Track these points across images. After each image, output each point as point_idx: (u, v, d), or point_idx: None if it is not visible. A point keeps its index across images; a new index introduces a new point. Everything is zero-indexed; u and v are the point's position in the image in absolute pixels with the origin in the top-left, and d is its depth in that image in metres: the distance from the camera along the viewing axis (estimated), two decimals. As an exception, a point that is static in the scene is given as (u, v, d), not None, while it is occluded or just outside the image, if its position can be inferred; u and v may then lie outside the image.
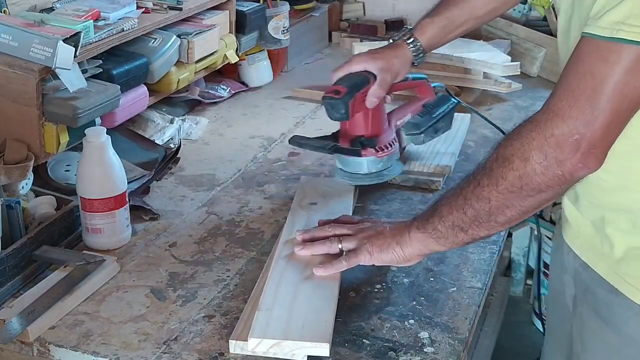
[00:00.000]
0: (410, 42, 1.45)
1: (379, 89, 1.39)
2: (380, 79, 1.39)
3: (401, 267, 1.20)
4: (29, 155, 1.35)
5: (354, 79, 1.39)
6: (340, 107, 1.35)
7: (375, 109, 1.41)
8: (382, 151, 1.42)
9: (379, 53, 1.44)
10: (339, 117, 1.37)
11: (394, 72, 1.43)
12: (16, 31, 1.32)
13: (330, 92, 1.37)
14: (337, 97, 1.35)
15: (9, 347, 1.10)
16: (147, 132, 1.71)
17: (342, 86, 1.37)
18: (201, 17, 1.81)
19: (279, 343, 1.02)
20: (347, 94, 1.35)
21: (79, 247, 1.31)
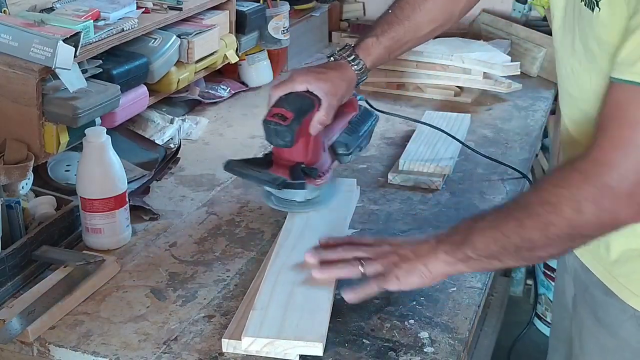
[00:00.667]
0: (355, 62, 1.37)
1: (325, 115, 1.30)
2: (326, 104, 1.29)
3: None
4: (29, 155, 1.35)
5: (299, 102, 1.28)
6: (286, 135, 1.25)
7: (316, 135, 1.31)
8: (320, 179, 1.33)
9: (323, 73, 1.33)
10: (282, 144, 1.27)
11: (340, 96, 1.33)
12: (16, 31, 1.32)
13: (273, 115, 1.26)
14: (283, 124, 1.24)
15: (9, 347, 1.10)
16: (147, 132, 1.71)
17: (287, 110, 1.26)
18: (201, 17, 1.81)
19: (272, 342, 1.02)
20: (295, 121, 1.25)
21: (79, 247, 1.31)
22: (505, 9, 2.34)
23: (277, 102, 1.28)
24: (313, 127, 1.29)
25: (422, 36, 1.44)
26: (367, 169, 1.60)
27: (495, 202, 1.47)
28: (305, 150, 1.31)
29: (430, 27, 1.42)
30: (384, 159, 1.64)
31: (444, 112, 1.82)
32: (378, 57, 1.40)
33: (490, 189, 1.51)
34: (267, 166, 1.31)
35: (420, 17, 1.40)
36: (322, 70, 1.34)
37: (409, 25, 1.40)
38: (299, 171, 1.30)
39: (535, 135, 1.80)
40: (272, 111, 1.27)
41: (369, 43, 1.39)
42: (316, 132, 1.30)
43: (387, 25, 1.40)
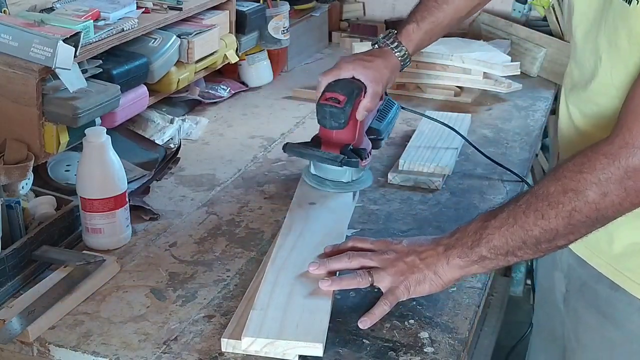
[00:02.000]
0: (397, 49, 1.44)
1: (371, 101, 1.38)
2: (372, 91, 1.37)
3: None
4: (29, 155, 1.35)
5: (349, 87, 1.37)
6: (341, 117, 1.35)
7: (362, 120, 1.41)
8: (366, 160, 1.43)
9: (368, 61, 1.41)
10: (336, 126, 1.36)
11: (385, 83, 1.41)
12: (16, 31, 1.32)
13: (328, 99, 1.35)
14: (338, 106, 1.34)
15: (9, 347, 1.10)
16: (147, 132, 1.71)
17: (340, 94, 1.35)
18: (201, 17, 1.81)
19: (273, 342, 1.02)
20: (348, 103, 1.35)
21: (79, 247, 1.31)
22: (505, 9, 2.34)
23: (327, 87, 1.37)
24: (360, 113, 1.37)
25: (461, 17, 1.50)
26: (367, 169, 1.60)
27: (495, 202, 1.47)
28: (354, 132, 1.39)
29: (469, 7, 1.49)
30: (384, 159, 1.64)
31: (444, 112, 1.82)
32: (420, 42, 1.47)
33: (490, 189, 1.52)
34: (318, 148, 1.40)
35: (458, 1, 1.46)
36: (368, 58, 1.41)
37: (448, 9, 1.46)
38: (350, 152, 1.38)
39: (535, 135, 1.81)
40: (324, 95, 1.36)
41: (410, 29, 1.45)
42: (362, 118, 1.38)
43: (426, 12, 1.46)
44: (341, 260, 1.14)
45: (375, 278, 1.10)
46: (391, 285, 1.09)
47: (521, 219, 1.02)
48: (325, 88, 1.38)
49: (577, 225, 1.00)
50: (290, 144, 1.42)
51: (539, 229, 1.00)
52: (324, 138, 1.40)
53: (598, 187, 0.97)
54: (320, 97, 1.37)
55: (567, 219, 0.99)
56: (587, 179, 0.97)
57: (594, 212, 0.98)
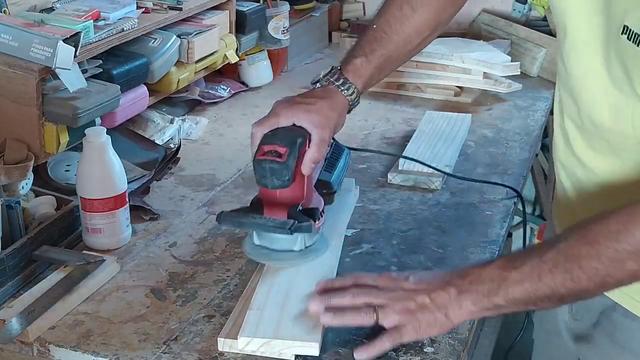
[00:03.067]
0: (345, 87, 1.25)
1: (318, 151, 1.16)
2: (318, 139, 1.16)
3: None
4: (29, 155, 1.35)
5: (290, 136, 1.15)
6: (284, 173, 1.12)
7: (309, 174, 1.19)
8: (319, 221, 1.19)
9: (310, 104, 1.20)
10: (280, 184, 1.13)
11: (332, 127, 1.20)
12: (16, 31, 1.32)
13: (266, 153, 1.12)
14: (279, 161, 1.11)
15: (9, 347, 1.10)
16: (147, 132, 1.71)
17: (280, 146, 1.13)
18: (201, 17, 1.81)
19: (269, 342, 1.02)
20: (290, 156, 1.12)
21: (79, 247, 1.31)
22: (505, 9, 2.34)
23: (264, 139, 1.15)
24: (306, 166, 1.16)
25: (413, 49, 1.35)
26: (367, 169, 1.60)
27: (495, 202, 1.47)
28: (302, 189, 1.17)
29: (420, 39, 1.34)
30: (384, 159, 1.64)
31: (444, 112, 1.82)
32: (370, 78, 1.29)
33: (490, 189, 1.51)
34: (259, 213, 1.16)
35: (408, 31, 1.31)
36: (310, 101, 1.21)
37: (399, 40, 1.31)
38: (299, 212, 1.15)
39: (535, 135, 1.80)
40: (261, 149, 1.13)
41: (358, 64, 1.27)
42: (309, 172, 1.17)
43: (375, 43, 1.29)
44: (344, 297, 1.06)
45: (381, 315, 1.02)
46: (398, 324, 1.02)
47: (547, 277, 0.96)
48: (261, 140, 1.16)
49: (610, 287, 0.98)
50: (226, 213, 1.17)
51: (566, 289, 0.96)
52: (266, 200, 1.16)
53: (638, 257, 0.92)
54: (257, 152, 1.14)
55: (600, 283, 0.95)
56: (625, 249, 0.92)
57: (631, 278, 0.95)
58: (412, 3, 1.31)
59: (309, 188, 1.20)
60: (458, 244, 1.32)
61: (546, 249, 0.98)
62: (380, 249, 1.31)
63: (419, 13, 1.32)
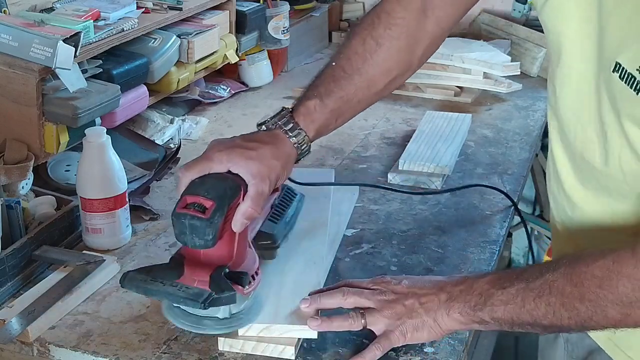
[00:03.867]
0: (293, 133, 1.09)
1: (253, 205, 1.00)
2: (254, 191, 1.00)
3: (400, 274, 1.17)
4: (29, 155, 1.35)
5: (219, 186, 0.98)
6: (208, 232, 0.95)
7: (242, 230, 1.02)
8: (249, 286, 1.01)
9: (251, 149, 1.03)
10: (200, 244, 0.96)
11: (274, 178, 1.04)
12: (16, 31, 1.32)
13: (186, 206, 0.96)
14: (202, 217, 0.94)
15: (9, 347, 1.10)
16: (147, 132, 1.71)
17: (206, 198, 0.96)
18: (201, 17, 1.81)
19: (268, 327, 1.04)
20: (217, 212, 0.95)
21: (79, 247, 1.31)
22: (505, 9, 2.34)
23: (189, 188, 0.99)
24: (237, 222, 0.99)
25: (377, 92, 1.18)
26: (367, 169, 1.60)
27: (495, 202, 1.47)
28: (230, 249, 1.00)
29: (386, 81, 1.17)
30: (384, 159, 1.64)
31: (444, 112, 1.82)
32: (323, 124, 1.13)
33: (490, 188, 1.51)
34: (177, 274, 0.98)
35: (372, 70, 1.15)
36: (251, 145, 1.04)
37: (360, 81, 1.14)
38: (224, 278, 0.97)
39: (535, 135, 1.80)
40: (184, 200, 0.97)
41: (311, 107, 1.11)
42: (240, 229, 1.00)
43: (333, 83, 1.13)
44: (334, 297, 1.03)
45: (369, 320, 1.01)
46: (386, 329, 1.01)
47: (530, 305, 0.93)
48: (186, 189, 0.99)
49: (592, 328, 0.95)
50: (131, 275, 0.99)
51: (548, 322, 0.93)
52: (189, 258, 1.00)
53: (620, 308, 0.89)
54: (178, 202, 0.98)
55: (581, 325, 0.93)
56: (607, 297, 0.88)
57: (613, 325, 0.91)
58: (377, 37, 1.16)
59: (241, 246, 1.03)
60: (458, 244, 1.32)
61: (536, 275, 0.94)
62: (380, 249, 1.31)
63: (385, 49, 1.15)
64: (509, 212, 1.44)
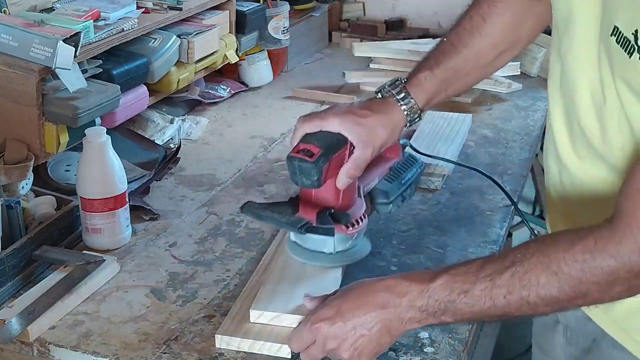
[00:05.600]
0: (404, 101, 1.18)
1: (354, 167, 1.13)
2: (358, 155, 1.13)
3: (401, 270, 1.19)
4: (29, 155, 1.35)
5: (329, 139, 1.12)
6: (313, 173, 1.10)
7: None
8: (353, 227, 1.18)
9: (362, 116, 1.14)
10: (308, 184, 1.11)
11: (378, 145, 1.15)
12: (16, 31, 1.32)
13: (299, 151, 1.11)
14: (309, 160, 1.09)
15: (9, 347, 1.10)
16: (147, 132, 1.71)
17: (315, 146, 1.11)
18: (201, 17, 1.81)
19: (279, 316, 1.06)
20: (322, 157, 1.10)
21: (79, 247, 1.31)
22: (505, 9, 2.34)
23: (304, 137, 1.14)
24: (340, 180, 1.13)
25: (486, 65, 1.25)
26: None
27: (495, 202, 1.47)
28: (336, 192, 1.15)
29: (494, 53, 1.23)
30: (384, 159, 1.64)
31: (444, 112, 1.82)
32: (433, 93, 1.21)
33: (490, 189, 1.51)
34: (292, 211, 1.16)
35: (479, 43, 1.21)
36: (363, 113, 1.15)
37: (468, 54, 1.21)
38: (327, 216, 1.14)
39: (535, 135, 1.80)
40: (297, 147, 1.13)
41: (422, 78, 1.20)
42: (344, 186, 1.14)
43: (442, 56, 1.22)
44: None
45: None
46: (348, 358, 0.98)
47: (501, 302, 0.90)
48: (301, 138, 1.14)
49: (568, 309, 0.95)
50: (250, 204, 1.18)
51: (521, 312, 0.91)
52: (303, 198, 1.17)
53: (602, 288, 0.87)
54: (293, 148, 1.13)
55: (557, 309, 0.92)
56: (589, 280, 0.87)
57: (589, 304, 0.91)
58: (483, 13, 1.22)
59: (347, 194, 1.17)
60: (458, 244, 1.32)
61: (500, 270, 0.91)
62: (380, 249, 1.31)
63: (490, 24, 1.22)
64: (509, 212, 1.44)
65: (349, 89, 2.04)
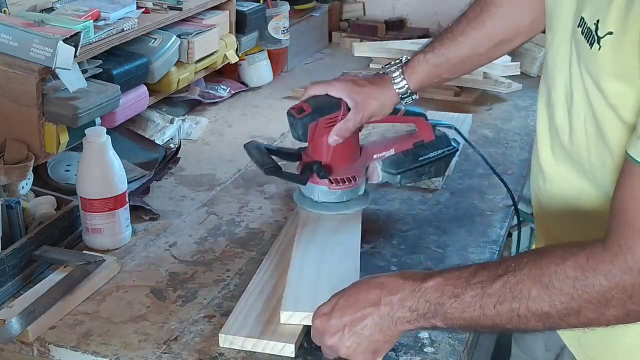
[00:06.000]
0: (396, 81, 1.28)
1: (345, 127, 1.26)
2: (349, 116, 1.25)
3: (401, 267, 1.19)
4: (29, 155, 1.35)
5: (322, 102, 1.27)
6: (298, 128, 1.26)
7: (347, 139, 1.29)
8: (336, 184, 1.30)
9: (361, 85, 1.27)
10: (296, 137, 1.28)
11: (368, 113, 1.27)
12: (16, 31, 1.32)
13: (295, 108, 1.27)
14: (296, 116, 1.25)
15: (9, 347, 1.10)
16: (147, 132, 1.71)
17: (308, 105, 1.26)
18: (201, 17, 1.81)
19: (308, 316, 1.05)
20: (309, 116, 1.25)
21: (79, 247, 1.31)
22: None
23: (307, 99, 1.28)
24: (332, 138, 1.27)
25: (483, 53, 1.28)
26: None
27: (495, 202, 1.47)
28: (325, 149, 1.29)
29: (489, 44, 1.27)
30: (384, 159, 1.64)
31: (444, 112, 1.82)
32: (425, 77, 1.28)
33: (490, 189, 1.51)
34: (294, 159, 1.35)
35: (475, 32, 1.25)
36: (362, 82, 1.28)
37: (464, 41, 1.26)
38: (309, 167, 1.29)
39: (535, 135, 1.80)
40: (299, 105, 1.28)
41: (416, 61, 1.28)
42: (335, 143, 1.28)
43: (438, 42, 1.28)
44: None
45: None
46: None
47: (491, 312, 0.88)
48: (306, 99, 1.28)
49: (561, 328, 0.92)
50: (255, 143, 1.34)
51: (512, 325, 0.88)
52: (305, 150, 1.34)
53: (595, 307, 0.84)
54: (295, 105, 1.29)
55: (549, 326, 0.88)
56: (582, 297, 0.84)
57: (584, 324, 0.88)
58: (483, 3, 1.26)
59: (341, 154, 1.30)
60: (458, 244, 1.32)
61: (492, 278, 0.89)
62: (380, 249, 1.31)
63: (487, 14, 1.25)
64: (509, 212, 1.44)
65: (349, 89, 2.04)
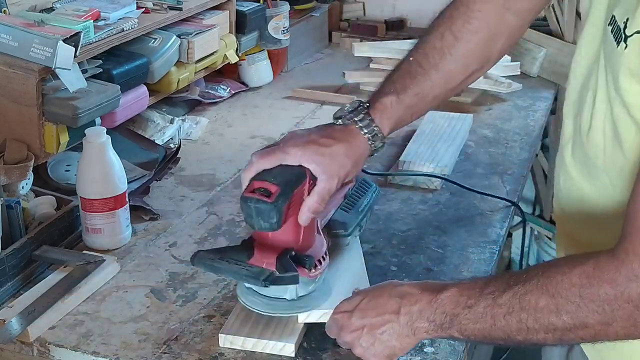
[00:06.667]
0: (367, 129, 1.08)
1: (318, 202, 1.03)
2: (322, 187, 1.03)
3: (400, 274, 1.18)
4: (29, 155, 1.35)
5: (286, 174, 1.02)
6: (272, 215, 0.98)
7: None
8: (315, 269, 1.07)
9: (325, 145, 1.04)
10: (267, 227, 1.00)
11: (343, 175, 1.05)
12: (16, 31, 1.32)
13: (254, 190, 1.00)
14: (267, 201, 0.98)
15: (9, 347, 1.10)
16: (147, 132, 1.71)
17: (272, 183, 1.00)
18: (201, 17, 1.81)
19: (326, 314, 1.06)
20: (281, 196, 0.99)
21: (79, 247, 1.31)
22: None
23: (259, 174, 1.02)
24: (302, 216, 1.03)
25: (454, 87, 1.17)
26: (367, 169, 1.60)
27: (495, 202, 1.47)
28: (297, 233, 1.05)
29: (464, 76, 1.16)
30: (384, 158, 1.64)
31: (444, 112, 1.82)
32: (398, 121, 1.12)
33: (490, 189, 1.51)
34: (247, 255, 1.03)
35: (450, 65, 1.13)
36: (324, 141, 1.05)
37: (437, 77, 1.13)
38: (289, 260, 1.02)
39: (535, 135, 1.80)
40: (251, 185, 1.01)
41: (387, 103, 1.11)
42: (306, 222, 1.04)
43: (409, 79, 1.12)
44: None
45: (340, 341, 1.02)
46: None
47: (501, 323, 0.88)
48: (256, 175, 1.02)
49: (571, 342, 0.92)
50: (202, 254, 1.04)
51: (523, 337, 0.88)
52: (258, 240, 1.05)
53: (602, 317, 0.83)
54: (247, 187, 1.02)
55: (558, 338, 0.87)
56: (588, 307, 0.83)
57: (591, 337, 0.86)
58: (456, 31, 1.13)
59: (308, 232, 1.07)
60: (458, 244, 1.32)
61: (503, 289, 0.89)
62: (380, 249, 1.31)
63: (463, 44, 1.13)
64: (509, 212, 1.44)
65: (348, 89, 2.04)
